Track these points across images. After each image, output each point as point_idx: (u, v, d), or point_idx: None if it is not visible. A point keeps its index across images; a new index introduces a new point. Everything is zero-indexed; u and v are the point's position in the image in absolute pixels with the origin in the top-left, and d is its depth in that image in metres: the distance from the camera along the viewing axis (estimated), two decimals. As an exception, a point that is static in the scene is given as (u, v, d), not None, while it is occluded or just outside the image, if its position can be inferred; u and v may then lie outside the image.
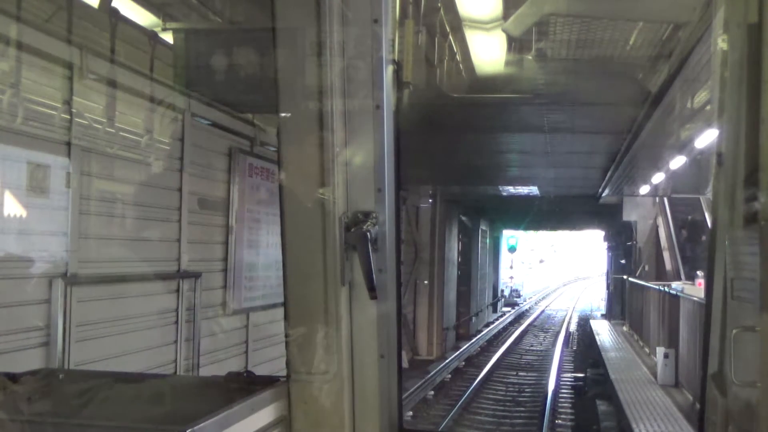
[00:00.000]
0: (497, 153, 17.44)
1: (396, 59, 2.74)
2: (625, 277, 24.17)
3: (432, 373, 17.81)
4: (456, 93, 10.84)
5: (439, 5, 9.46)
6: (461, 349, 22.73)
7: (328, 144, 2.61)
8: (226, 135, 9.95)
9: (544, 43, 9.14)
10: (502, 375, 20.07)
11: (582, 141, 15.19)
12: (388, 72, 2.62)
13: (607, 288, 33.37)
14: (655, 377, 13.60)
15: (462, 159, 17.40)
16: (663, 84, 9.84)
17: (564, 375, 19.68)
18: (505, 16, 9.05)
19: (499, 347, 24.59)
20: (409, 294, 21.52)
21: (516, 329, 30.92)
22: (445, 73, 10.27)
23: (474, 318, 29.44)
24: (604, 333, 22.27)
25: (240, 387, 2.68)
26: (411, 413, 14.33)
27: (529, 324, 33.82)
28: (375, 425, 2.69)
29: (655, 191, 21.18)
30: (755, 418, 2.38)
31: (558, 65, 9.79)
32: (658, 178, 19.00)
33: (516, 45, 9.65)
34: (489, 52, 10.28)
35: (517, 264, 52.55)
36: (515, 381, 19.29)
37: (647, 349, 16.93)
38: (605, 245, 36.99)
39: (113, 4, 7.71)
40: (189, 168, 8.95)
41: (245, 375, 2.80)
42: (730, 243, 2.44)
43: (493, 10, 9.38)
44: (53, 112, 6.82)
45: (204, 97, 8.97)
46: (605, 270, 36.68)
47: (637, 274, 23.01)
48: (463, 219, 28.02)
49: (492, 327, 30.60)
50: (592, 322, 27.58)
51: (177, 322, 8.69)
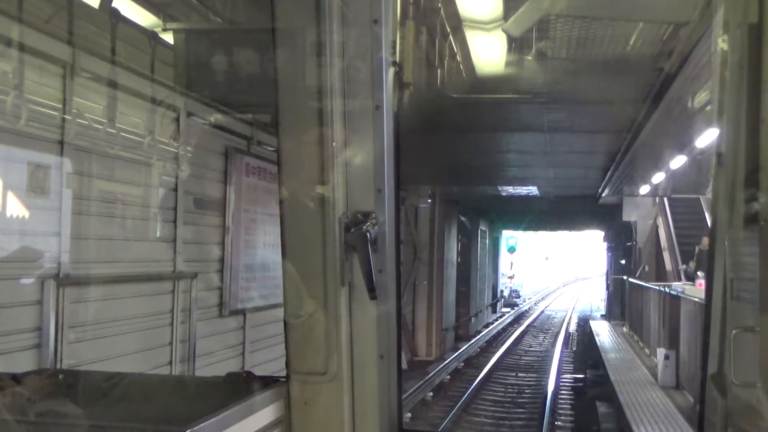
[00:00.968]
0: (497, 152, 17.31)
1: (397, 60, 2.74)
2: (625, 278, 23.85)
3: (431, 375, 17.67)
4: (455, 93, 10.82)
5: (440, 6, 9.46)
6: (460, 350, 22.55)
7: (327, 144, 2.61)
8: (222, 134, 9.82)
9: (544, 43, 9.14)
10: (501, 376, 19.89)
11: (582, 140, 15.10)
12: (388, 72, 2.62)
13: (607, 288, 33.08)
14: (656, 378, 13.46)
15: (461, 159, 17.28)
16: (663, 83, 9.84)
17: (564, 376, 19.51)
18: (506, 16, 9.06)
19: (499, 348, 24.41)
20: (408, 295, 21.41)
21: (515, 330, 30.67)
22: (445, 73, 10.27)
23: (473, 319, 29.20)
24: (603, 334, 22.05)
25: (239, 387, 2.68)
26: (409, 415, 14.25)
27: (529, 324, 33.51)
28: (375, 425, 2.69)
29: (655, 191, 21.01)
30: (755, 418, 2.38)
31: (558, 65, 9.79)
32: (657, 178, 18.78)
33: (516, 45, 9.65)
34: (489, 52, 10.28)
35: (518, 263, 52.33)
36: (514, 382, 19.15)
37: (647, 350, 16.75)
38: (605, 246, 36.80)
39: (113, 4, 7.68)
40: (185, 167, 8.82)
41: (245, 375, 2.80)
42: (730, 243, 2.44)
43: (494, 10, 9.38)
44: (45, 110, 6.66)
45: (200, 96, 8.85)
46: (605, 270, 36.52)
47: (637, 274, 22.78)
48: (463, 219, 27.86)
49: (491, 328, 30.35)
50: (591, 322, 27.25)
51: (172, 323, 8.57)
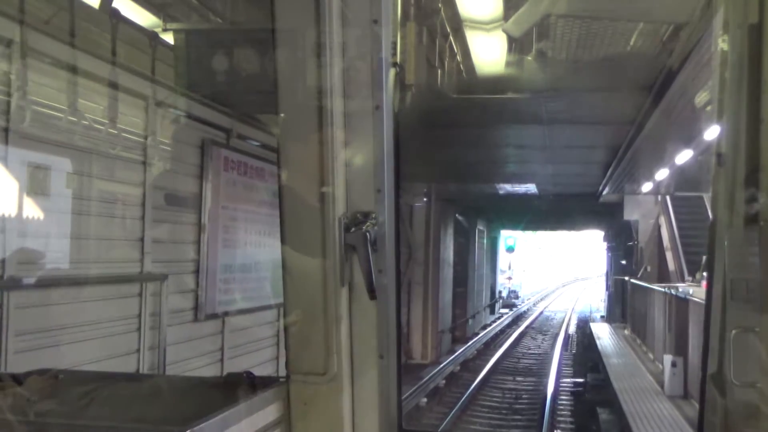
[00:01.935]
0: (494, 147, 16.65)
1: (398, 61, 2.74)
2: (627, 279, 23.18)
3: (425, 379, 16.98)
4: (452, 90, 10.79)
5: (440, 6, 9.47)
6: (456, 353, 21.83)
7: (327, 145, 2.61)
8: (197, 126, 9.03)
9: (544, 44, 9.15)
10: (499, 380, 19.23)
11: (582, 134, 14.63)
12: (388, 73, 2.62)
13: (607, 289, 32.67)
14: (662, 387, 12.75)
15: (457, 155, 16.73)
16: (665, 80, 9.79)
17: (563, 380, 18.92)
18: (506, 16, 9.07)
19: (497, 350, 23.81)
20: (403, 296, 20.55)
21: (514, 331, 30.06)
22: (444, 70, 10.27)
23: (471, 320, 28.55)
24: (604, 337, 21.33)
25: (239, 387, 2.68)
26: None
27: (528, 326, 32.83)
28: (374, 425, 2.69)
29: (658, 189, 20.37)
30: (755, 418, 2.38)
31: (558, 62, 9.77)
32: (660, 175, 18.12)
33: (516, 45, 9.66)
34: (489, 51, 10.29)
35: (517, 264, 52.03)
36: (512, 387, 18.52)
37: (651, 355, 16.09)
38: (605, 245, 36.36)
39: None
40: (154, 160, 8.13)
41: (245, 375, 2.81)
42: (730, 243, 2.44)
43: (494, 10, 9.40)
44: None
45: (172, 84, 8.26)
46: (605, 271, 36.13)
47: (639, 275, 22.04)
48: (460, 219, 27.25)
49: (489, 329, 29.66)
50: (592, 325, 26.44)
51: (139, 329, 7.95)
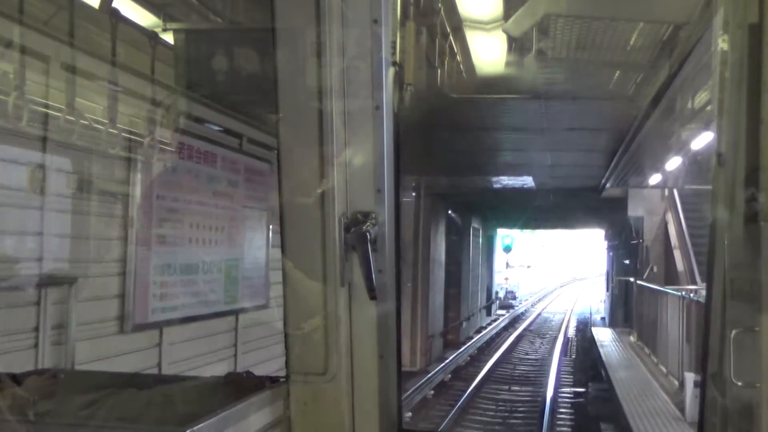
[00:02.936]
0: (488, 132, 14.80)
1: (397, 61, 2.75)
2: (632, 280, 21.54)
3: (411, 390, 15.41)
4: (448, 85, 10.70)
5: (440, 6, 9.47)
6: (447, 360, 20.39)
7: (327, 144, 2.61)
8: (126, 98, 7.39)
9: (544, 43, 9.15)
10: (492, 390, 17.88)
11: (584, 116, 13.06)
12: (388, 72, 2.62)
13: (607, 290, 31.73)
14: (682, 411, 10.81)
15: (448, 143, 15.20)
16: (667, 78, 9.75)
17: (563, 390, 17.65)
18: (506, 16, 9.07)
19: (491, 355, 22.68)
20: None
21: (510, 334, 28.99)
22: (444, 70, 10.26)
23: (465, 323, 27.38)
24: (608, 344, 19.66)
25: (239, 387, 2.68)
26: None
27: (525, 329, 31.67)
28: (374, 425, 2.70)
29: (665, 182, 18.40)
30: (755, 418, 2.39)
31: (558, 62, 9.74)
32: (670, 165, 15.91)
33: (516, 44, 9.66)
34: (488, 50, 10.30)
35: (515, 263, 51.46)
36: (507, 397, 17.17)
37: (664, 369, 14.08)
38: (606, 244, 35.29)
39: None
40: (58, 137, 6.54)
41: (245, 375, 2.81)
42: (730, 243, 2.44)
43: (494, 10, 9.40)
44: None
45: (87, 48, 6.81)
46: (605, 271, 35.19)
47: (645, 276, 20.40)
48: (453, 216, 25.60)
49: (484, 333, 28.40)
50: (594, 330, 24.72)
51: (36, 345, 6.42)
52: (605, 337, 21.14)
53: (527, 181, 20.42)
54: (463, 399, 16.10)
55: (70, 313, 6.70)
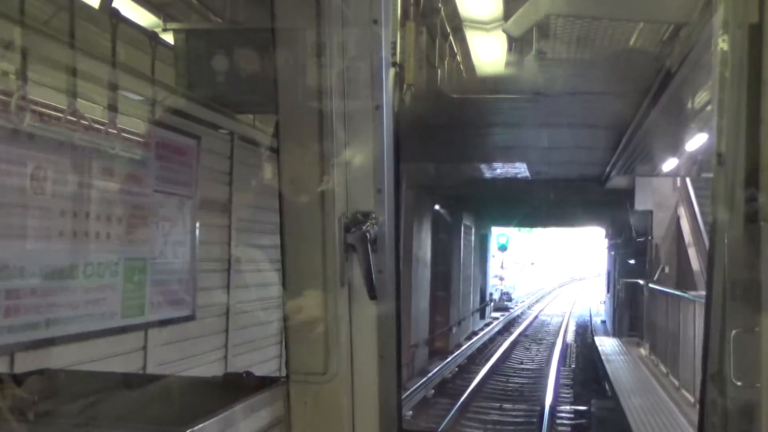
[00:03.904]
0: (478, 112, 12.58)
1: (398, 61, 2.75)
2: (641, 282, 19.19)
3: None
4: (452, 90, 10.63)
5: (440, 6, 9.47)
6: (431, 374, 17.76)
7: (327, 144, 2.62)
8: None
9: (543, 43, 9.13)
10: (480, 409, 15.65)
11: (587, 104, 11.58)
12: (388, 73, 2.63)
13: (608, 291, 30.12)
14: None
15: (433, 127, 12.41)
16: (664, 78, 9.66)
17: (561, 408, 15.45)
18: (506, 16, 9.06)
19: (482, 365, 20.59)
20: None
21: (504, 340, 27.02)
22: (444, 70, 10.25)
23: (455, 328, 25.24)
24: (615, 358, 17.22)
25: (239, 388, 2.69)
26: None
27: (521, 333, 29.62)
28: (374, 425, 2.70)
29: (678, 170, 16.10)
30: (755, 418, 2.39)
31: (558, 63, 9.66)
32: (690, 146, 13.43)
33: (516, 44, 9.64)
34: (487, 49, 10.28)
35: (511, 263, 50.20)
36: (497, 418, 15.04)
37: (690, 396, 11.56)
38: (607, 243, 33.23)
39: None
40: None
41: (244, 376, 2.81)
42: (730, 243, 2.45)
43: (494, 10, 9.41)
44: None
45: None
46: (606, 271, 33.29)
47: (656, 277, 18.38)
48: (441, 211, 23.01)
49: (476, 339, 26.38)
50: (597, 339, 22.17)
51: None
52: (610, 348, 19.02)
53: (521, 169, 17.69)
54: (446, 422, 14.10)
55: None
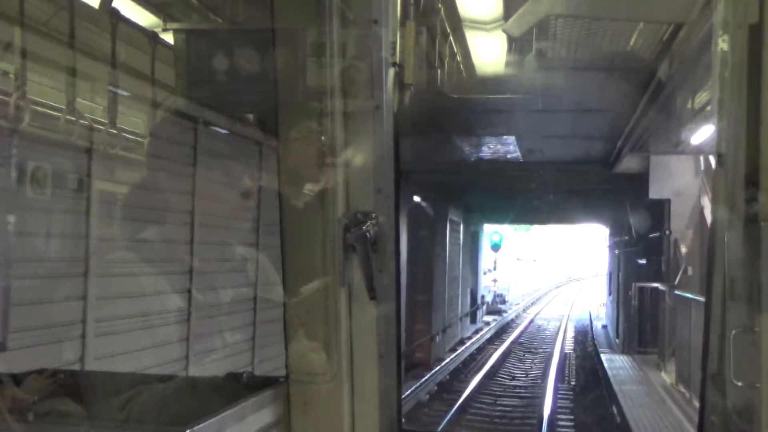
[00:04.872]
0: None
1: (398, 61, 2.75)
2: (661, 288, 15.59)
3: None
4: (452, 90, 10.58)
5: (440, 6, 9.48)
6: (406, 394, 14.05)
7: (327, 144, 2.62)
8: None
9: (543, 43, 9.13)
10: None
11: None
12: (387, 72, 2.63)
13: (609, 294, 27.93)
14: None
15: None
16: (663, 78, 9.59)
17: None
18: (506, 16, 9.07)
19: (467, 383, 17.52)
20: None
21: (496, 349, 23.70)
22: (444, 70, 10.25)
23: (438, 337, 21.93)
24: (631, 390, 13.22)
25: (239, 388, 2.69)
26: None
27: (514, 341, 26.39)
28: (375, 425, 2.70)
29: (700, 148, 12.41)
30: (755, 418, 2.39)
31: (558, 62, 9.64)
32: (705, 129, 10.48)
33: (516, 45, 9.65)
34: (487, 49, 10.29)
35: (506, 263, 47.91)
36: None
37: None
38: (609, 240, 29.68)
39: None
40: None
41: (245, 376, 2.81)
42: (730, 243, 2.45)
43: (494, 10, 9.42)
44: None
45: None
46: (607, 272, 31.16)
47: (677, 280, 14.62)
48: (422, 204, 19.50)
49: (463, 349, 23.36)
50: (604, 358, 18.27)
51: None
52: (623, 372, 15.26)
53: (510, 145, 14.81)
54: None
55: None
